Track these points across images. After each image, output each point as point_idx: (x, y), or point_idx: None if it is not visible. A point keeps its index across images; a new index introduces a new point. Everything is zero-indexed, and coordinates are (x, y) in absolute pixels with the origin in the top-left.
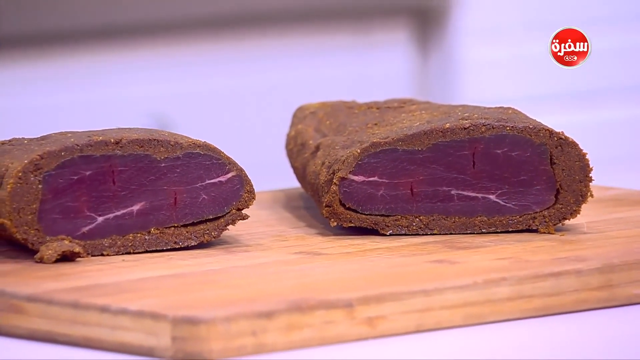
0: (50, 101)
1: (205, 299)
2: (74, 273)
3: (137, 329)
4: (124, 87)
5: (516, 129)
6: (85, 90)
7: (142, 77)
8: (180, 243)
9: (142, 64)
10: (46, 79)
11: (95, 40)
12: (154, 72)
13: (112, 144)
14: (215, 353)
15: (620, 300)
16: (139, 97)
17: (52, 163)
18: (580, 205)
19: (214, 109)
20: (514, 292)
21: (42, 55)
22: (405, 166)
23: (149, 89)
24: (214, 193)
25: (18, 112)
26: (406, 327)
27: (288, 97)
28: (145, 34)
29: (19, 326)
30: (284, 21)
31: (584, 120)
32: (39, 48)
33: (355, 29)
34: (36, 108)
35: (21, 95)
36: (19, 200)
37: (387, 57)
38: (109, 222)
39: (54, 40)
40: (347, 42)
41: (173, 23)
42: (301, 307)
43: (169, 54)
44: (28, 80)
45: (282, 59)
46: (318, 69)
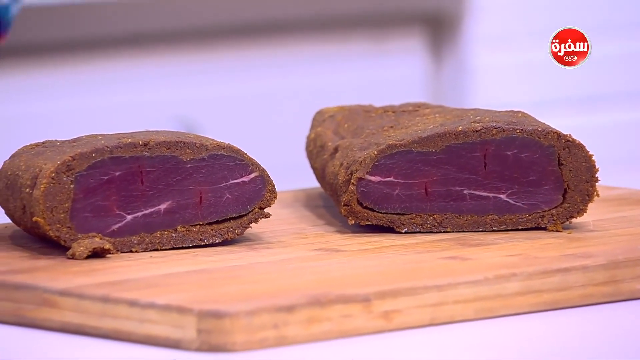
0: (82, 105)
1: (229, 293)
2: (104, 269)
3: (164, 322)
4: (152, 92)
5: (525, 131)
6: (115, 94)
7: (169, 83)
8: (205, 240)
9: (170, 70)
10: (79, 84)
11: (126, 48)
12: (181, 78)
13: (140, 145)
14: (239, 345)
15: (624, 295)
16: (167, 102)
17: (84, 164)
18: (587, 204)
19: (238, 113)
20: (524, 287)
21: (75, 62)
22: (420, 167)
23: (176, 94)
24: (238, 192)
25: (51, 115)
26: (420, 321)
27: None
28: (173, 42)
29: (52, 319)
30: (305, 29)
31: (590, 123)
32: (72, 55)
33: (372, 37)
34: (69, 111)
35: (54, 99)
36: (52, 200)
37: (402, 63)
38: (138, 220)
39: (88, 47)
40: (365, 49)
41: (200, 31)
42: (320, 301)
43: (196, 61)
44: (62, 85)
45: (302, 65)
46: (337, 74)
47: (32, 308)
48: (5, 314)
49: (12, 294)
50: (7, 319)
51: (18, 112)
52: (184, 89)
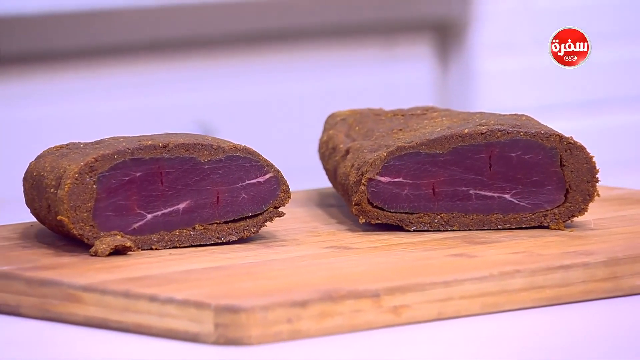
0: (104, 109)
1: (244, 289)
2: (125, 265)
3: (182, 317)
4: (171, 96)
5: (529, 134)
6: (136, 99)
7: (188, 88)
8: (222, 238)
9: (188, 75)
10: (102, 89)
11: (147, 55)
12: (200, 83)
13: (160, 147)
14: (254, 339)
15: (624, 291)
16: (185, 106)
17: (106, 165)
18: (588, 204)
19: (254, 116)
20: (527, 283)
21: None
22: (428, 168)
23: (195, 98)
24: (253, 192)
25: (75, 118)
26: (428, 315)
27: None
28: (192, 48)
29: (76, 314)
30: (319, 37)
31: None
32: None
33: (382, 44)
34: (92, 115)
35: (78, 103)
36: (75, 199)
37: (410, 68)
38: (157, 219)
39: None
40: (375, 56)
41: (218, 39)
42: (332, 296)
43: (214, 67)
44: (86, 89)
45: (315, 70)
46: (348, 79)
47: (57, 303)
48: (32, 308)
49: (38, 289)
50: (34, 313)
51: (43, 115)
52: (202, 94)
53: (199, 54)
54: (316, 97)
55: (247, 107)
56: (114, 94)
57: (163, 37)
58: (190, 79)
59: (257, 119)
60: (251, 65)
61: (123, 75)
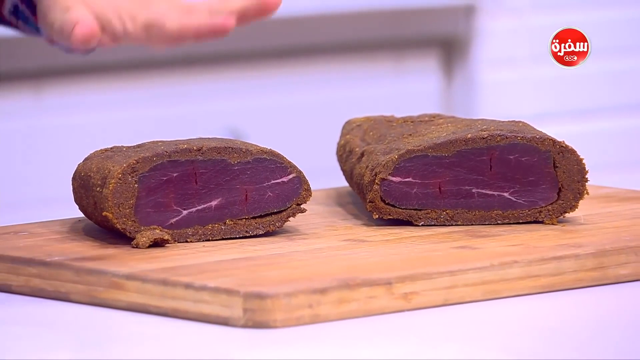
0: (145, 116)
1: (270, 277)
2: (163, 256)
3: (214, 302)
4: (205, 105)
5: (526, 138)
6: (173, 107)
7: (220, 97)
8: (250, 232)
9: (220, 87)
10: (143, 99)
11: (183, 68)
12: (230, 93)
13: (194, 150)
14: (279, 322)
15: (610, 279)
16: (217, 113)
17: (146, 166)
18: (578, 201)
19: (279, 122)
20: (524, 272)
21: (142, 79)
22: (435, 169)
23: (226, 107)
24: (278, 191)
25: (119, 124)
26: (435, 301)
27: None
28: (223, 63)
29: (119, 300)
30: (337, 52)
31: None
32: (139, 73)
33: (394, 58)
34: (133, 121)
35: (122, 110)
36: (119, 197)
37: (419, 80)
38: (192, 215)
39: (151, 67)
40: (387, 69)
41: (246, 54)
42: (349, 284)
43: (243, 79)
44: (130, 99)
45: (334, 82)
46: (363, 90)
47: (102, 290)
48: (80, 295)
49: (85, 277)
50: (81, 299)
51: (91, 122)
52: (233, 103)
53: (230, 68)
54: (335, 105)
55: (273, 114)
56: (154, 103)
57: (198, 52)
58: (222, 89)
59: (282, 125)
60: (277, 77)
61: (162, 87)
